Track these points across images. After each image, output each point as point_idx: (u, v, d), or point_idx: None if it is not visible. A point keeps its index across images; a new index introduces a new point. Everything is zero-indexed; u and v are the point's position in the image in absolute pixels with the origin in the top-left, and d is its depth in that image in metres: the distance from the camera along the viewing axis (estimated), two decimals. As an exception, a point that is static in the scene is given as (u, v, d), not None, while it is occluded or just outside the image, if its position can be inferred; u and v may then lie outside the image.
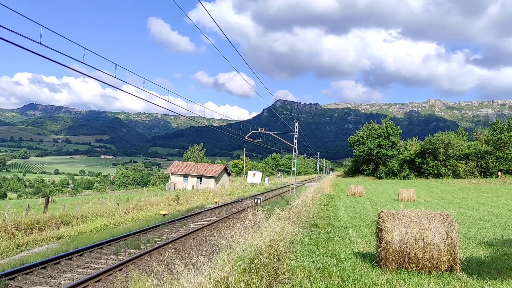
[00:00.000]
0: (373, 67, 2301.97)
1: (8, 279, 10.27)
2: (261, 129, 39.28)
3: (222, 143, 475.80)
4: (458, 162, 74.21)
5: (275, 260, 8.29)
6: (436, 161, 76.04)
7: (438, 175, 75.16)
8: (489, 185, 52.38)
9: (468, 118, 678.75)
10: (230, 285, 6.47)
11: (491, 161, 70.74)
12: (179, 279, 6.35)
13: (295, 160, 36.65)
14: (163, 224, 20.03)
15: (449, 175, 74.04)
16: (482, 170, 72.06)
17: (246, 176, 73.42)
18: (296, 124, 36.40)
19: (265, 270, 7.53)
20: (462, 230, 14.78)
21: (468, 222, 18.40)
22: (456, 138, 77.34)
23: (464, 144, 76.76)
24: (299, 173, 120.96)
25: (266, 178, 72.75)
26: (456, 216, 19.41)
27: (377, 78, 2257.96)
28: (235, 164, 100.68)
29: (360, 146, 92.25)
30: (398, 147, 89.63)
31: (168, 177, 63.53)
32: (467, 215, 21.35)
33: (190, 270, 6.46)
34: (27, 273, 10.95)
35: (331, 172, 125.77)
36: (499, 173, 66.52)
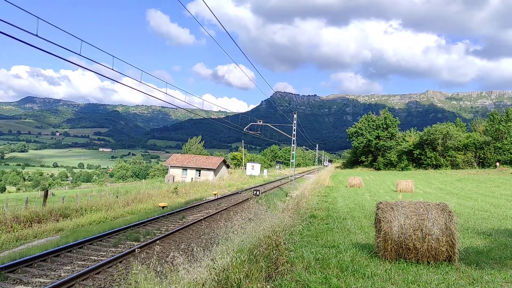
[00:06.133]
0: (374, 58, 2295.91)
1: (8, 272, 10.29)
2: (260, 121, 39.24)
3: (221, 135, 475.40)
4: (457, 153, 74.30)
5: (274, 251, 8.31)
6: (434, 152, 76.11)
7: (436, 166, 75.29)
8: (487, 176, 52.54)
9: (467, 109, 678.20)
10: (230, 276, 6.49)
11: (489, 152, 70.83)
12: (178, 271, 6.36)
13: (293, 152, 36.66)
14: (163, 216, 20.09)
15: (447, 166, 74.15)
16: (480, 160, 72.18)
17: (245, 168, 73.48)
18: (295, 115, 36.33)
19: (265, 261, 7.55)
20: (460, 220, 14.84)
21: (466, 212, 18.48)
22: (454, 129, 77.33)
23: (462, 135, 76.79)
24: (298, 165, 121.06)
25: (265, 170, 72.85)
26: (454, 206, 19.49)
27: (377, 70, 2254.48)
28: (234, 156, 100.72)
29: (358, 138, 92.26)
30: (397, 138, 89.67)
31: (167, 169, 63.56)
32: (466, 206, 21.43)
33: (190, 262, 6.47)
34: (27, 266, 10.98)
35: (329, 163, 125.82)
36: (497, 164, 66.62)
